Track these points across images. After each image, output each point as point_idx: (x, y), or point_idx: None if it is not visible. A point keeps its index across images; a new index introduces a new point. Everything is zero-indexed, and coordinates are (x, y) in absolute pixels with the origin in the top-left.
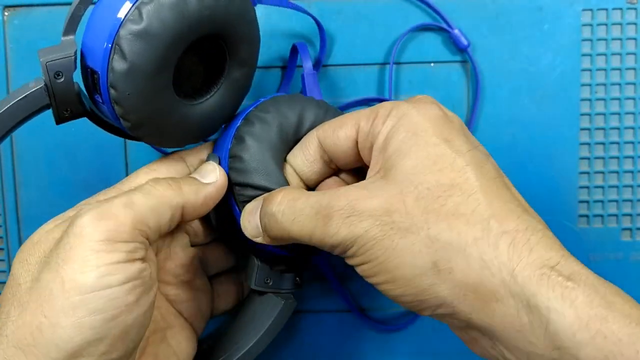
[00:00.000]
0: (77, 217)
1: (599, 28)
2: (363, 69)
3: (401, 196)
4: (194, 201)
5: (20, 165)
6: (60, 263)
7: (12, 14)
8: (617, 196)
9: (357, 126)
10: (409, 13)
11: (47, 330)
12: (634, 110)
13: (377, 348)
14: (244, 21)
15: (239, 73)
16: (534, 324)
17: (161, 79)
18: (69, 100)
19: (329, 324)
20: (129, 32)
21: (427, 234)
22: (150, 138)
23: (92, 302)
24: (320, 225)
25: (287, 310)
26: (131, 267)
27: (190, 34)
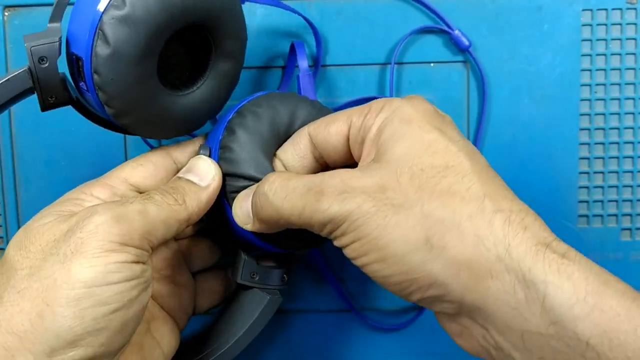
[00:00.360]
0: (94, 214)
1: (598, 28)
2: (363, 69)
3: (395, 175)
4: (197, 210)
5: (20, 165)
6: (68, 255)
7: (12, 14)
8: (616, 196)
9: (349, 121)
10: (409, 13)
11: (48, 318)
12: (633, 110)
13: (377, 348)
14: (229, 14)
15: (225, 66)
16: (530, 300)
17: (145, 66)
18: (53, 86)
19: (329, 324)
20: (112, 17)
21: (421, 210)
22: (135, 128)
23: (97, 294)
24: (312, 201)
25: (272, 305)
26: (135, 267)
27: (174, 22)
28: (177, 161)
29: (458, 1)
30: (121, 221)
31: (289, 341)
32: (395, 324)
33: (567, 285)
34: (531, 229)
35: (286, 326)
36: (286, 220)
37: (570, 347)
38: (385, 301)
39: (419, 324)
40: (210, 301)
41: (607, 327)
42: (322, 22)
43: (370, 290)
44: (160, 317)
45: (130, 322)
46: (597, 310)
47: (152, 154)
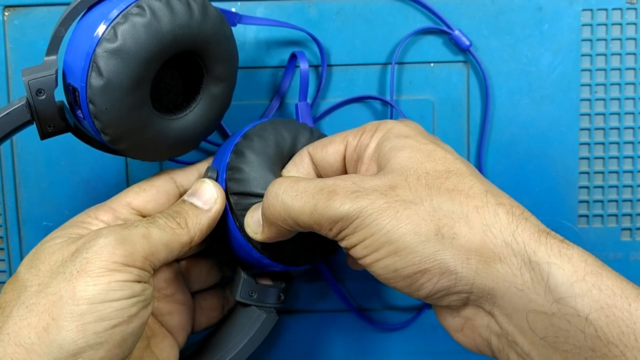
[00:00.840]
0: (99, 237)
1: (598, 28)
2: (363, 69)
3: (403, 177)
4: (199, 234)
5: (20, 166)
6: (74, 274)
7: (12, 14)
8: (616, 196)
9: (346, 141)
10: (409, 13)
11: (53, 331)
12: (633, 110)
13: (377, 348)
14: (219, 39)
15: (217, 89)
16: (535, 280)
17: (138, 94)
18: (50, 117)
19: (329, 324)
20: (105, 50)
21: (431, 203)
22: (131, 152)
23: (99, 310)
24: (324, 199)
25: (268, 323)
26: (136, 286)
27: (164, 52)
28: (180, 185)
29: (458, 1)
30: (125, 243)
31: (289, 341)
32: (395, 323)
33: (568, 266)
34: (531, 220)
35: (286, 326)
36: (295, 220)
37: (571, 324)
38: (385, 301)
39: (419, 324)
40: (209, 319)
41: (604, 303)
42: (322, 22)
43: (370, 290)
44: (160, 334)
45: (130, 337)
46: (595, 289)
47: (156, 179)
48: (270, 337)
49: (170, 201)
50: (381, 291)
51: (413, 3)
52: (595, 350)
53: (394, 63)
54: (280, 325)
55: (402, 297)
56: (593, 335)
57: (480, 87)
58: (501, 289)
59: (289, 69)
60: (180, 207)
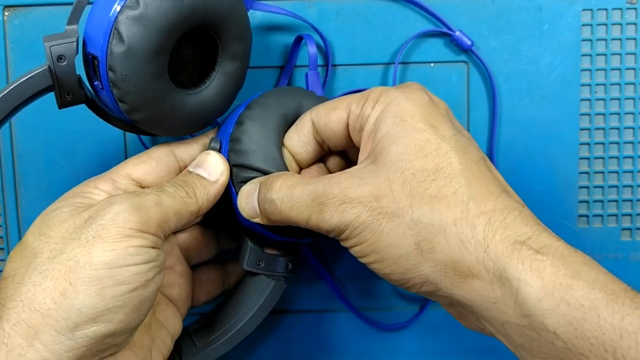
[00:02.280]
0: (114, 204)
1: (598, 28)
2: (362, 69)
3: (388, 183)
4: (206, 204)
5: (20, 165)
6: (90, 240)
7: (12, 13)
8: (616, 196)
9: (349, 109)
10: (409, 14)
11: (71, 296)
12: (633, 110)
13: (376, 348)
14: (235, 17)
15: (231, 66)
16: (506, 295)
17: (157, 63)
18: (70, 84)
19: (329, 324)
20: (127, 17)
21: (411, 217)
22: (146, 124)
23: (117, 275)
24: (316, 211)
25: (276, 291)
26: (152, 251)
27: (184, 23)
28: (179, 158)
29: (458, 1)
30: (139, 210)
31: (289, 341)
32: (395, 323)
33: (536, 282)
34: (511, 227)
35: (286, 326)
36: (294, 223)
37: (541, 336)
38: (385, 301)
39: (419, 324)
40: (208, 293)
41: (572, 317)
42: (322, 22)
43: (370, 290)
44: (163, 303)
45: (147, 300)
46: (563, 303)
47: (155, 151)
48: (271, 336)
49: (169, 174)
50: (381, 291)
51: (413, 4)
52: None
53: (397, 63)
54: (280, 325)
55: (402, 297)
56: (562, 347)
57: (480, 86)
58: (476, 301)
59: (292, 54)
60: (188, 177)
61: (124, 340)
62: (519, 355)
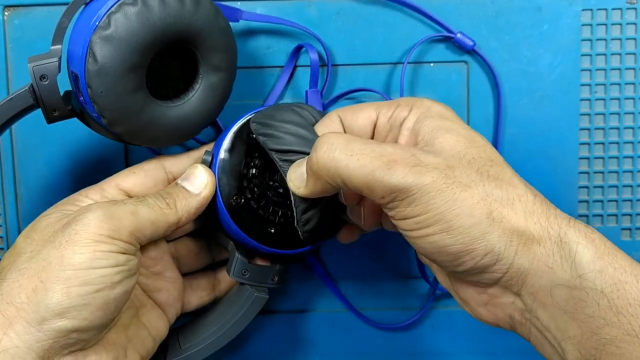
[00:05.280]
0: (88, 211)
1: (598, 28)
2: (362, 69)
3: (457, 159)
4: (187, 215)
5: (20, 165)
6: (63, 243)
7: (12, 13)
8: (616, 196)
9: (378, 111)
10: (409, 13)
11: (41, 292)
12: (633, 110)
13: (377, 348)
14: (212, 30)
15: (215, 78)
16: (564, 258)
17: (132, 79)
18: (54, 102)
19: (329, 324)
20: (99, 37)
21: (483, 189)
22: (130, 137)
23: (83, 276)
24: (384, 167)
25: (258, 302)
26: (120, 257)
27: (156, 40)
28: (169, 171)
29: (458, 2)
30: (112, 218)
31: (289, 341)
32: (395, 323)
33: (591, 247)
34: (558, 210)
35: (285, 326)
36: (345, 179)
37: (589, 296)
38: (385, 301)
39: (419, 324)
40: (199, 299)
41: (617, 279)
42: (322, 22)
43: (370, 290)
44: (148, 305)
45: (113, 302)
46: (611, 267)
47: (146, 164)
48: (270, 336)
49: (157, 185)
50: (381, 291)
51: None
52: (606, 319)
53: (406, 64)
54: (280, 325)
55: (402, 297)
56: (606, 306)
57: (480, 86)
58: (534, 268)
59: (289, 64)
60: (172, 189)
61: (92, 337)
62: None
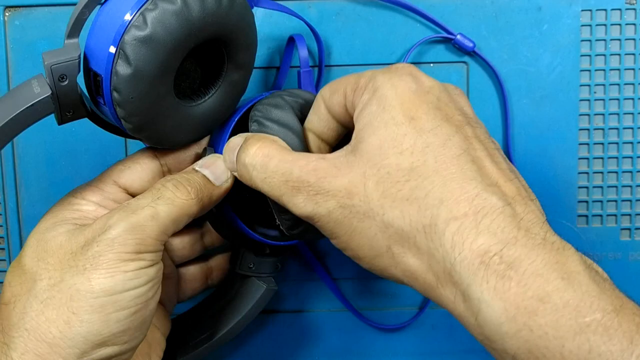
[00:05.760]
0: (109, 229)
1: (597, 28)
2: (362, 69)
3: (363, 179)
4: (207, 208)
5: (20, 165)
6: (88, 267)
7: (13, 14)
8: (616, 196)
9: (345, 94)
10: (408, 14)
11: (76, 324)
12: (632, 110)
13: (377, 348)
14: (244, 26)
15: (237, 76)
16: (468, 312)
17: (163, 83)
18: (72, 103)
19: (329, 324)
20: (134, 38)
21: (382, 219)
22: (150, 139)
23: (119, 300)
24: (289, 193)
25: (268, 293)
26: (151, 271)
27: (192, 40)
28: (164, 162)
29: (457, 2)
30: (135, 231)
31: (288, 341)
32: (394, 323)
33: (498, 304)
34: (484, 235)
35: (285, 326)
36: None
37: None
38: (385, 301)
39: (419, 324)
40: (193, 289)
41: (533, 345)
42: (321, 23)
43: (369, 290)
44: None
45: (149, 318)
46: (526, 329)
47: (139, 156)
48: (270, 336)
49: (155, 178)
50: (381, 291)
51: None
52: None
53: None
54: (279, 325)
55: (402, 297)
56: None
57: (480, 87)
58: (447, 309)
59: (287, 55)
60: (192, 177)
61: (129, 357)
62: None
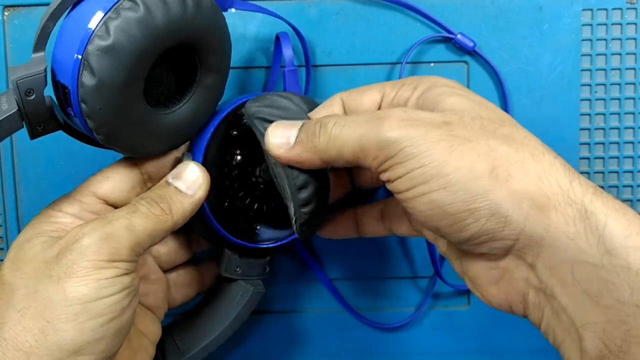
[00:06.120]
0: (82, 237)
1: (598, 28)
2: (362, 69)
3: (457, 116)
4: (182, 219)
5: (20, 166)
6: (62, 276)
7: (12, 13)
8: (616, 196)
9: (383, 92)
10: (409, 14)
11: (51, 333)
12: (633, 110)
13: (376, 348)
14: (213, 30)
15: (211, 80)
16: (589, 230)
17: (131, 91)
18: (40, 117)
19: (327, 324)
20: (97, 48)
21: (487, 143)
22: (125, 150)
23: (93, 309)
24: (374, 125)
25: (255, 296)
26: (125, 279)
27: (158, 47)
28: (144, 171)
29: (458, 2)
30: (109, 240)
31: (287, 341)
32: (394, 323)
33: (624, 220)
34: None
35: (284, 326)
36: (339, 151)
37: (619, 277)
38: (385, 301)
39: (419, 324)
40: (183, 295)
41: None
42: (322, 22)
43: (369, 290)
44: (141, 312)
45: (125, 326)
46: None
47: (119, 165)
48: (269, 336)
49: (134, 188)
50: (380, 291)
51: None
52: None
53: (404, 64)
54: (279, 325)
55: (402, 297)
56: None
57: (480, 86)
58: (551, 237)
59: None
60: (164, 191)
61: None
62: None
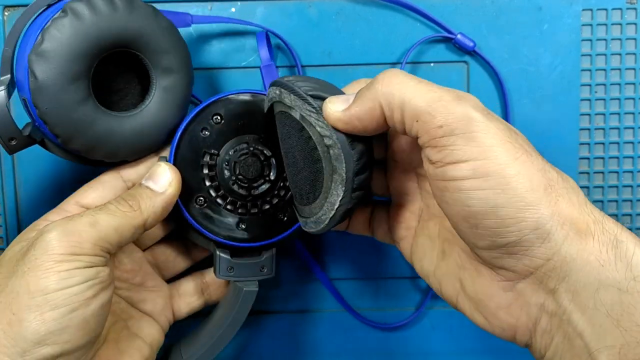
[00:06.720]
0: (44, 233)
1: (598, 28)
2: (362, 69)
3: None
4: (153, 216)
5: (20, 166)
6: (26, 271)
7: (12, 13)
8: (616, 196)
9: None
10: (409, 14)
11: (16, 325)
12: (633, 110)
13: (376, 348)
14: (153, 31)
15: (168, 81)
16: (618, 258)
17: (76, 90)
18: (8, 130)
19: (327, 324)
20: (34, 54)
21: (543, 162)
22: (87, 152)
23: (54, 299)
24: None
25: (248, 296)
26: (88, 271)
27: (93, 47)
28: (127, 179)
29: (458, 2)
30: (69, 235)
31: (287, 341)
32: (394, 323)
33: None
34: None
35: (284, 326)
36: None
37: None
38: (384, 301)
39: (419, 324)
40: (188, 304)
41: None
42: (322, 22)
43: (369, 290)
44: (137, 316)
45: (91, 317)
46: None
47: (104, 176)
48: (269, 336)
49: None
50: (380, 291)
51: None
52: None
53: (404, 64)
54: (279, 326)
55: (402, 297)
56: None
57: (480, 86)
58: (582, 261)
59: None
60: (135, 190)
61: (80, 357)
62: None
